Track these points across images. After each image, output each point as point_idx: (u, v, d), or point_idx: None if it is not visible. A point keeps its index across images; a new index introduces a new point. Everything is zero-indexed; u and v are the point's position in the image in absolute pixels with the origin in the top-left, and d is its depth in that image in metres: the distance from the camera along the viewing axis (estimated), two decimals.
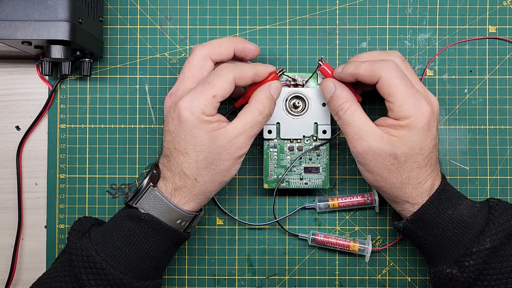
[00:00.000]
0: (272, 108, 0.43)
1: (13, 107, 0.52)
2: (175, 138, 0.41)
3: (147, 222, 0.41)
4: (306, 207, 0.51)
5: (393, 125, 0.41)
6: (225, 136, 0.40)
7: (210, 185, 0.42)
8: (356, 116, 0.41)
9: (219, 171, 0.41)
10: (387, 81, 0.40)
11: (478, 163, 0.51)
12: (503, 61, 0.52)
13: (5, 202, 0.52)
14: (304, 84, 0.47)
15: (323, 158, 0.48)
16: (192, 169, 0.41)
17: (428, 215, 0.42)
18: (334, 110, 0.43)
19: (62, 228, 0.51)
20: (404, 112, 0.40)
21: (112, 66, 0.52)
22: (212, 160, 0.41)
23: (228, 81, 0.41)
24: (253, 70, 0.42)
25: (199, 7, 0.52)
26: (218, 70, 0.41)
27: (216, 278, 0.51)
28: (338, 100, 0.42)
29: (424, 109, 0.40)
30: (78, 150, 0.51)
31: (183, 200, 0.41)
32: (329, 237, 0.50)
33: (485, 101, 0.52)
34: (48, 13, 0.43)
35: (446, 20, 0.52)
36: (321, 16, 0.52)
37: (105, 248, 0.40)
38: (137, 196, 0.41)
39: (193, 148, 0.40)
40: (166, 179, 0.42)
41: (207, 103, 0.40)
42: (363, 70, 0.41)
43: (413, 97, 0.40)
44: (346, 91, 0.43)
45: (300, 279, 0.51)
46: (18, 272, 0.51)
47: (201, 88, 0.40)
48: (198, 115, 0.40)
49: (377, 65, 0.41)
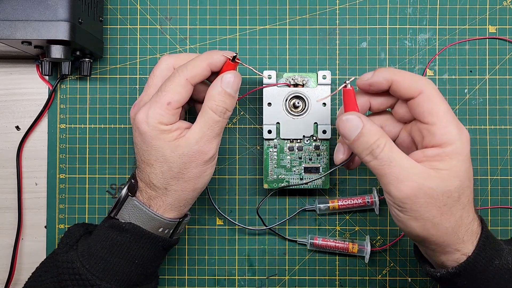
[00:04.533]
0: (228, 103, 0.39)
1: (13, 107, 0.52)
2: (139, 150, 0.40)
3: (128, 231, 0.40)
4: (306, 209, 0.51)
5: (437, 156, 0.34)
6: (186, 144, 0.38)
7: (183, 193, 0.40)
8: (395, 153, 0.34)
9: (188, 179, 0.39)
10: (430, 97, 0.34)
11: (478, 163, 0.51)
12: (503, 61, 0.52)
13: (5, 202, 0.52)
14: (305, 84, 0.47)
15: (323, 158, 0.48)
16: (159, 180, 0.39)
17: (477, 267, 0.35)
18: (366, 150, 0.35)
19: (62, 228, 0.51)
20: (447, 136, 0.34)
21: (112, 66, 0.52)
22: (177, 169, 0.39)
23: (180, 84, 0.38)
24: (207, 60, 0.39)
25: (199, 7, 0.52)
26: (170, 75, 0.39)
27: (216, 278, 0.51)
28: (371, 136, 0.34)
29: (466, 133, 0.35)
30: (78, 150, 0.51)
31: (160, 209, 0.40)
32: (328, 241, 0.50)
33: (485, 101, 0.52)
34: (48, 13, 0.43)
35: (446, 20, 0.52)
36: (321, 16, 0.52)
37: (90, 260, 0.39)
38: (117, 207, 0.41)
39: (156, 160, 0.39)
40: (141, 190, 0.41)
41: (162, 112, 0.38)
42: (403, 77, 0.35)
43: (455, 121, 0.34)
44: (375, 124, 0.35)
45: (300, 280, 0.51)
46: (18, 272, 0.51)
47: (155, 98, 0.39)
48: (154, 125, 0.38)
49: (417, 77, 0.35)
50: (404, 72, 0.36)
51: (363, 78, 0.37)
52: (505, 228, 0.51)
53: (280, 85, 0.47)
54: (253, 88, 0.51)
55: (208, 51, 0.40)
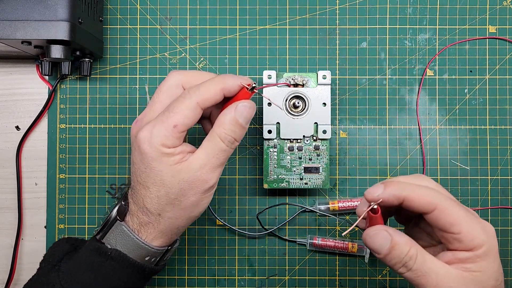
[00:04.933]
0: (238, 133, 0.37)
1: (13, 107, 0.52)
2: (137, 170, 0.37)
3: (114, 258, 0.38)
4: (306, 210, 0.51)
5: (469, 259, 0.33)
6: (188, 170, 0.36)
7: (177, 221, 0.38)
8: (429, 261, 0.33)
9: (184, 206, 0.37)
10: (447, 210, 0.32)
11: (478, 163, 0.51)
12: (503, 61, 0.52)
13: (5, 202, 0.52)
14: (305, 84, 0.47)
15: (323, 158, 0.48)
16: (154, 205, 0.37)
17: None
18: (399, 263, 0.33)
19: (62, 228, 0.51)
20: (476, 240, 0.32)
21: (112, 66, 0.52)
22: (175, 195, 0.37)
23: (190, 107, 0.36)
24: (221, 84, 0.36)
25: (199, 7, 0.52)
26: (180, 96, 0.37)
27: (216, 278, 0.51)
28: (402, 248, 0.33)
29: (491, 229, 0.33)
30: (78, 150, 0.51)
31: (150, 237, 0.38)
32: (327, 240, 0.50)
33: (485, 101, 0.52)
34: (48, 13, 0.43)
35: (446, 20, 0.52)
36: (321, 16, 0.52)
37: (72, 284, 0.38)
38: (105, 230, 0.39)
39: (153, 183, 0.37)
40: (132, 213, 0.39)
41: (167, 134, 0.35)
42: (418, 196, 0.33)
43: (476, 219, 0.33)
44: (403, 235, 0.34)
45: (300, 280, 0.51)
46: (18, 272, 0.51)
47: (161, 117, 0.36)
48: (157, 147, 0.36)
49: (427, 191, 0.33)
50: (413, 187, 0.33)
51: (373, 193, 0.34)
52: (505, 228, 0.51)
53: (280, 85, 0.47)
54: None
55: (223, 74, 0.39)
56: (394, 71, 0.52)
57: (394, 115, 0.52)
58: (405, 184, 0.33)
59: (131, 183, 0.39)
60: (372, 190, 0.34)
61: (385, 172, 0.51)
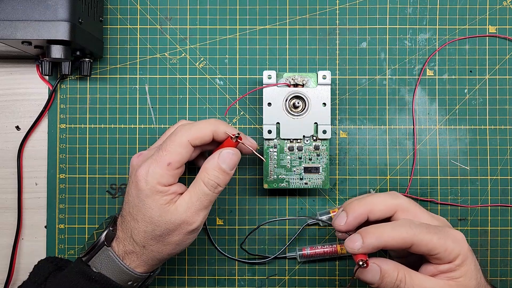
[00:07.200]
0: (221, 179, 0.39)
1: (13, 107, 0.52)
2: (131, 202, 0.40)
3: (98, 282, 0.40)
4: (309, 224, 0.51)
5: (450, 269, 0.36)
6: (175, 212, 0.39)
7: (159, 254, 0.40)
8: (416, 279, 0.36)
9: (167, 243, 0.40)
10: (422, 242, 0.35)
11: (478, 163, 0.51)
12: (503, 61, 0.52)
13: (5, 202, 0.52)
14: (305, 84, 0.47)
15: (323, 158, 0.48)
16: (140, 237, 0.39)
17: None
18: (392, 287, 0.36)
19: (62, 228, 0.51)
20: (452, 254, 0.35)
21: (112, 66, 0.52)
22: (160, 233, 0.39)
23: (181, 145, 0.38)
24: (213, 127, 0.39)
25: (199, 7, 0.52)
26: (172, 134, 0.39)
27: (216, 278, 0.51)
28: (391, 275, 0.36)
29: (460, 237, 0.36)
30: (78, 150, 0.51)
31: (133, 264, 0.40)
32: (316, 248, 0.50)
33: (485, 101, 0.52)
34: (48, 13, 0.43)
35: (446, 20, 0.52)
36: (321, 16, 0.52)
37: None
38: (91, 254, 0.41)
39: (143, 218, 0.39)
40: (119, 240, 0.41)
41: (162, 172, 0.38)
42: (394, 240, 0.35)
43: (446, 235, 0.36)
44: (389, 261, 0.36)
45: (300, 280, 0.51)
46: (17, 272, 0.51)
47: (156, 156, 0.39)
48: (152, 185, 0.38)
49: (403, 229, 0.35)
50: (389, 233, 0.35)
51: (353, 247, 0.35)
52: (505, 228, 0.51)
53: (280, 85, 0.47)
54: (253, 88, 0.51)
55: (217, 119, 0.41)
56: (394, 71, 0.52)
57: (394, 115, 0.52)
58: (381, 231, 0.35)
59: (122, 211, 0.41)
60: (351, 243, 0.35)
61: (385, 172, 0.51)
